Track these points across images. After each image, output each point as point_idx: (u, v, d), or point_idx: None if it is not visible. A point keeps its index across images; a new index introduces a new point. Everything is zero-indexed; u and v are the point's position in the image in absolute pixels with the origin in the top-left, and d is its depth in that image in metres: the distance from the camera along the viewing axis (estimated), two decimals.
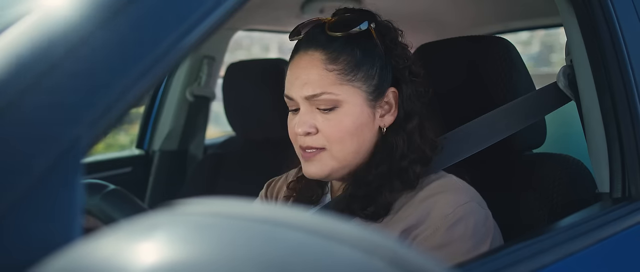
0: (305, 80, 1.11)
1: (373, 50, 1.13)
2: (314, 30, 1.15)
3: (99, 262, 0.42)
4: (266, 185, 1.40)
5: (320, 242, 0.38)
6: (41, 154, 0.52)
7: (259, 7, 2.37)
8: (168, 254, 0.40)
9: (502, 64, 1.38)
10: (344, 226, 0.40)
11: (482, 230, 1.07)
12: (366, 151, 1.14)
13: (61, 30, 0.57)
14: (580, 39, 1.21)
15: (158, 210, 0.47)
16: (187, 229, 0.41)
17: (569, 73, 1.25)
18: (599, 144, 1.19)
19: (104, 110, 0.55)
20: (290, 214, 0.42)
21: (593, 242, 1.04)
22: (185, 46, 0.61)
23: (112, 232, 0.45)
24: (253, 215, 0.42)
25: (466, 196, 1.09)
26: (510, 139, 1.30)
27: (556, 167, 1.32)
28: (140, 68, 0.58)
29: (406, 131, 1.14)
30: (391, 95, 1.14)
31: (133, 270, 0.40)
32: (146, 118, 2.52)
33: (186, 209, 0.45)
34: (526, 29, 2.88)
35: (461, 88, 1.44)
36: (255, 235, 0.39)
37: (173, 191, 2.38)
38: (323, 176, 1.14)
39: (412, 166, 1.12)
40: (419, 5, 2.52)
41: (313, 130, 1.12)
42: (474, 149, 1.23)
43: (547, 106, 1.29)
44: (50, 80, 0.54)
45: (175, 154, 2.50)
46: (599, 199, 1.19)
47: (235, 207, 0.43)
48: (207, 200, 0.47)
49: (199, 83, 2.48)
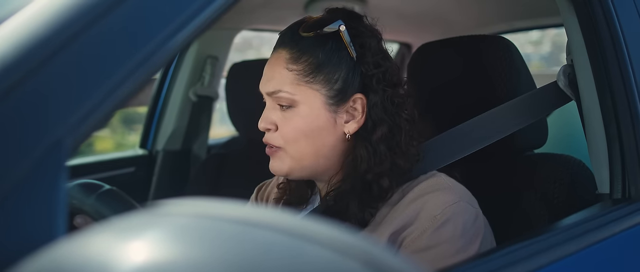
0: (269, 77, 1.12)
1: (339, 53, 1.10)
2: (288, 29, 1.15)
3: (77, 262, 0.42)
4: (256, 189, 1.40)
5: (295, 243, 0.38)
6: (24, 154, 0.52)
7: (263, 7, 2.37)
8: (144, 255, 0.40)
9: (502, 63, 1.38)
10: (320, 227, 0.40)
11: (472, 230, 1.05)
12: (330, 155, 1.13)
13: (46, 31, 0.56)
14: (581, 38, 1.21)
15: (140, 210, 0.47)
16: (162, 230, 0.41)
17: (569, 72, 1.24)
18: (599, 145, 1.18)
19: (88, 111, 0.55)
20: (266, 214, 0.42)
21: (591, 243, 1.03)
22: (172, 47, 0.60)
23: (91, 232, 0.45)
24: (228, 215, 0.41)
25: (455, 195, 1.07)
26: (512, 138, 1.29)
27: (557, 168, 1.31)
28: (125, 69, 0.57)
29: (371, 141, 1.11)
30: (359, 102, 1.11)
31: (109, 270, 0.40)
32: (150, 118, 2.52)
33: (164, 209, 0.45)
34: (534, 28, 2.86)
35: (461, 87, 1.43)
36: (229, 235, 0.39)
37: (176, 191, 2.39)
38: (283, 173, 1.15)
39: (377, 179, 1.09)
40: (425, 5, 2.51)
41: (272, 127, 1.12)
42: (470, 150, 1.21)
43: (547, 106, 1.28)
44: (34, 81, 0.54)
45: (178, 154, 2.50)
46: (600, 200, 1.18)
47: (213, 208, 0.43)
48: (187, 201, 0.47)
49: (202, 83, 2.48)
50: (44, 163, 0.52)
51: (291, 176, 1.16)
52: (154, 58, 0.59)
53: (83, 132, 0.55)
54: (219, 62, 2.49)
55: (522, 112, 1.25)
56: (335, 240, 0.39)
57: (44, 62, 0.55)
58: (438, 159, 1.18)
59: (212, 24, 0.65)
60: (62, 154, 0.53)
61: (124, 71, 0.57)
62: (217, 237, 0.39)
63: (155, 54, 0.59)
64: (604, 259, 1.05)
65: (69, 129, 0.54)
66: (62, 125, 0.54)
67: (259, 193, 1.39)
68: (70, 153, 0.54)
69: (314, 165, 1.13)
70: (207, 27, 0.64)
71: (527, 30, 2.90)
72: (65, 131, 0.54)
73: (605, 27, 1.17)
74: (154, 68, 0.60)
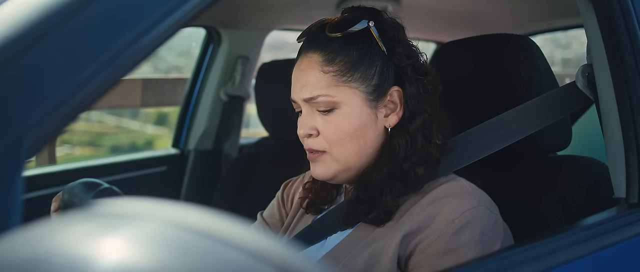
0: (304, 83, 1.11)
1: (372, 49, 1.11)
2: (315, 32, 1.14)
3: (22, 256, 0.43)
4: (283, 186, 1.41)
5: (209, 245, 0.38)
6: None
7: (294, 7, 2.38)
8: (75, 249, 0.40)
9: (522, 63, 1.34)
10: (239, 229, 0.39)
11: (491, 236, 1.04)
12: (371, 152, 1.13)
13: (11, 31, 0.57)
14: (600, 38, 1.17)
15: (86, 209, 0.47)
16: (85, 226, 0.41)
17: (588, 73, 1.21)
18: (617, 147, 1.15)
19: (49, 111, 0.55)
20: (189, 215, 0.41)
21: (602, 246, 1.01)
22: (141, 48, 0.60)
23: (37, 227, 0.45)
24: (149, 214, 0.41)
25: (474, 200, 1.05)
26: (535, 140, 1.26)
27: (579, 170, 1.27)
28: (90, 70, 0.58)
29: (409, 132, 1.11)
30: (395, 94, 1.12)
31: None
32: (182, 117, 2.55)
33: (97, 208, 0.45)
34: (572, 27, 2.80)
35: (481, 87, 1.40)
36: (145, 234, 0.39)
37: (208, 190, 2.41)
38: (328, 178, 1.14)
39: (414, 167, 1.09)
40: (460, 3, 2.48)
41: (314, 133, 1.12)
42: (487, 151, 1.19)
43: (565, 107, 1.24)
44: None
45: (210, 154, 2.52)
46: (616, 204, 1.14)
47: (138, 207, 0.43)
48: (120, 200, 0.47)
49: (233, 83, 2.49)
50: (3, 159, 0.53)
51: (336, 180, 1.16)
52: (120, 60, 0.59)
53: (45, 132, 0.55)
54: (249, 62, 2.51)
55: (539, 114, 1.22)
56: (252, 244, 0.38)
57: (7, 61, 0.56)
58: (451, 162, 1.16)
59: (184, 25, 0.64)
60: (21, 151, 0.54)
61: (88, 72, 0.58)
62: (132, 236, 0.39)
63: (121, 56, 0.59)
64: (615, 263, 1.03)
65: (30, 127, 0.55)
66: (23, 123, 0.55)
67: (285, 190, 1.39)
68: (30, 151, 0.55)
69: (359, 164, 1.13)
70: (180, 27, 0.64)
71: (565, 30, 2.84)
72: (26, 129, 0.55)
73: (624, 27, 1.14)
74: (122, 69, 0.60)
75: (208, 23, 2.42)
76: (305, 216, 1.27)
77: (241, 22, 2.44)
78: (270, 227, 1.35)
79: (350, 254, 1.09)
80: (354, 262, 1.07)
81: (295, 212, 1.31)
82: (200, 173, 2.49)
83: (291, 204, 1.35)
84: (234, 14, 2.38)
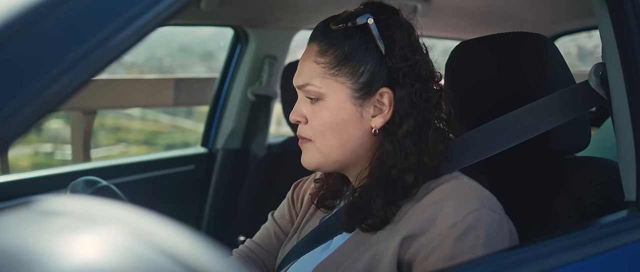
0: (300, 71, 1.15)
1: (366, 46, 1.10)
2: (322, 23, 1.16)
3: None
4: (293, 186, 1.41)
5: (143, 250, 0.38)
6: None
7: (321, 6, 2.37)
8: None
9: (538, 61, 1.32)
10: (179, 237, 0.39)
11: (496, 238, 1.01)
12: (357, 149, 1.13)
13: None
14: (613, 37, 1.14)
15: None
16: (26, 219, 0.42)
17: (601, 71, 1.18)
18: (628, 150, 1.11)
19: (15, 109, 0.57)
20: (141, 222, 0.42)
21: (607, 249, 1.00)
22: (110, 50, 0.61)
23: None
24: (103, 216, 0.42)
25: (476, 201, 1.02)
26: (551, 141, 1.25)
27: (593, 172, 1.24)
28: (57, 70, 0.59)
29: (397, 137, 1.09)
30: (385, 96, 1.10)
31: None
32: (211, 117, 2.58)
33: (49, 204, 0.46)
34: None
35: (497, 85, 1.38)
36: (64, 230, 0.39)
37: (235, 189, 2.43)
38: (313, 167, 1.16)
39: (402, 175, 1.07)
40: (492, 1, 2.44)
41: (302, 120, 1.14)
42: (497, 149, 1.18)
43: (578, 106, 1.21)
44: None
45: (237, 153, 2.54)
46: (626, 207, 1.11)
47: (94, 206, 0.43)
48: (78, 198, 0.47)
49: (260, 83, 2.51)
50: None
51: (321, 169, 1.18)
52: (88, 60, 0.60)
53: (9, 131, 0.56)
54: (277, 62, 2.52)
55: (551, 112, 1.20)
56: (185, 254, 0.38)
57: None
58: (464, 157, 1.15)
59: (160, 25, 0.65)
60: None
61: (55, 72, 0.59)
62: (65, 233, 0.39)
63: (90, 56, 0.60)
64: (619, 266, 1.00)
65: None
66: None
67: (295, 190, 1.40)
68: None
69: (342, 159, 1.14)
70: (153, 28, 0.65)
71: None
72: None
73: (636, 27, 1.11)
74: (91, 70, 0.61)
75: (236, 23, 2.44)
76: (314, 217, 1.27)
77: (268, 22, 2.45)
78: (281, 227, 1.36)
79: (352, 257, 1.08)
80: (355, 265, 1.06)
81: (305, 212, 1.31)
82: (227, 172, 2.51)
83: (301, 204, 1.36)
84: (261, 13, 2.39)
